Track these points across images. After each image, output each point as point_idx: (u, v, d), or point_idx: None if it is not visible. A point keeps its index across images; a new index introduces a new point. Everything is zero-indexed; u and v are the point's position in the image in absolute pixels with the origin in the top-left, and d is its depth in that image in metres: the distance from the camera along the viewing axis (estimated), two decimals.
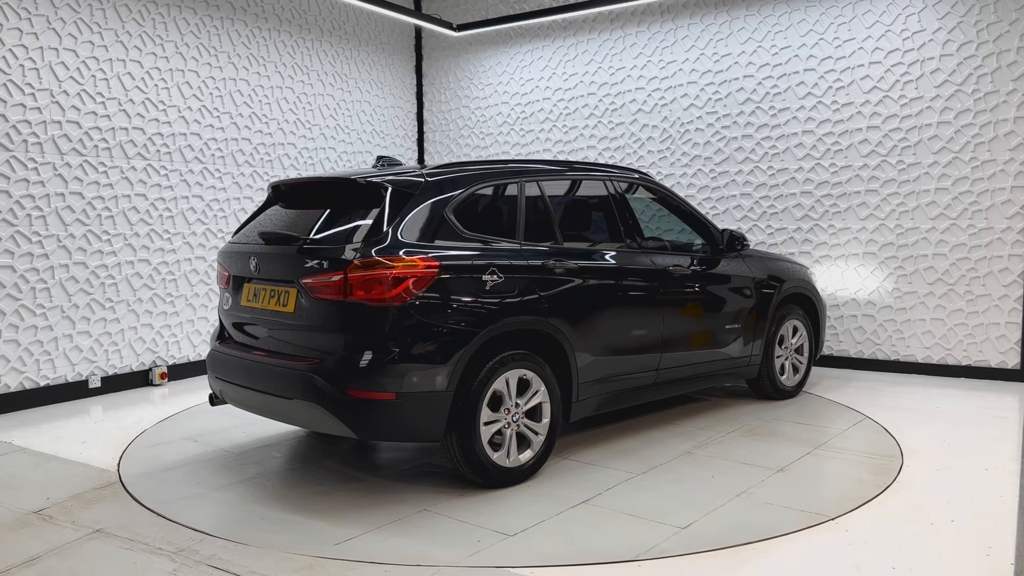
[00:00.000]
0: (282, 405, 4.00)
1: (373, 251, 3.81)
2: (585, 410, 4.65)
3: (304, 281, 3.90)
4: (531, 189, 4.63)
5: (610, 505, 3.92)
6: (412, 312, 3.81)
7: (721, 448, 4.88)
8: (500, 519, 3.73)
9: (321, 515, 3.79)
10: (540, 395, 4.28)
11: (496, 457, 4.07)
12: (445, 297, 3.91)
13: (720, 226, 7.81)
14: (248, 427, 5.33)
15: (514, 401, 4.15)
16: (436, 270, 3.89)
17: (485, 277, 4.08)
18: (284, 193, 4.65)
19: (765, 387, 6.04)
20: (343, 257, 3.82)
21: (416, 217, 4.00)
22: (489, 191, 4.43)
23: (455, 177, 4.29)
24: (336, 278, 3.79)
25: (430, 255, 3.92)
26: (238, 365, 4.26)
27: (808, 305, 6.37)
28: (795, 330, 6.19)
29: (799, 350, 6.25)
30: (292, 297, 4.00)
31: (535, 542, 3.49)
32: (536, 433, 4.28)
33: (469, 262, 4.05)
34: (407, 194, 4.05)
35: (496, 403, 4.08)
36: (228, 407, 4.81)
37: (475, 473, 4.04)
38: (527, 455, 4.24)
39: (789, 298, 6.14)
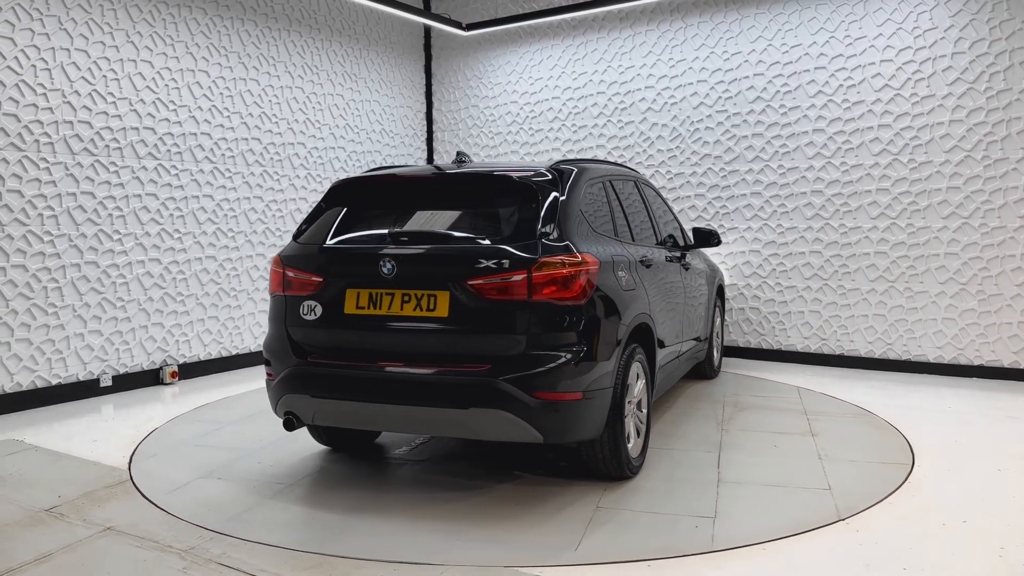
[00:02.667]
0: (443, 416, 3.68)
1: (551, 249, 3.71)
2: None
3: (472, 282, 3.65)
4: (609, 189, 4.75)
5: (743, 480, 4.20)
6: (589, 309, 3.77)
7: (740, 422, 5.38)
8: (678, 504, 3.85)
9: (490, 525, 3.62)
10: (643, 386, 4.39)
11: (630, 448, 4.18)
12: (604, 293, 3.91)
13: (730, 224, 7.82)
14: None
15: (633, 393, 4.25)
16: (598, 267, 3.89)
17: (619, 273, 4.16)
18: (375, 190, 4.27)
19: (705, 368, 6.73)
20: (527, 255, 3.65)
21: (564, 214, 3.92)
22: (594, 190, 4.46)
23: (574, 174, 4.27)
24: (518, 278, 3.62)
25: (591, 252, 3.91)
26: (354, 380, 3.83)
27: (722, 295, 7.16)
28: (715, 316, 6.91)
29: (717, 334, 7.06)
30: (443, 300, 3.70)
31: (743, 520, 3.64)
32: (641, 423, 4.38)
33: (611, 258, 4.11)
34: (550, 190, 3.95)
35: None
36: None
37: (616, 467, 4.09)
38: (639, 444, 4.36)
39: (718, 289, 6.91)
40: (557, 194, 3.96)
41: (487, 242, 3.78)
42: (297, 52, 7.96)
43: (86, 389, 6.21)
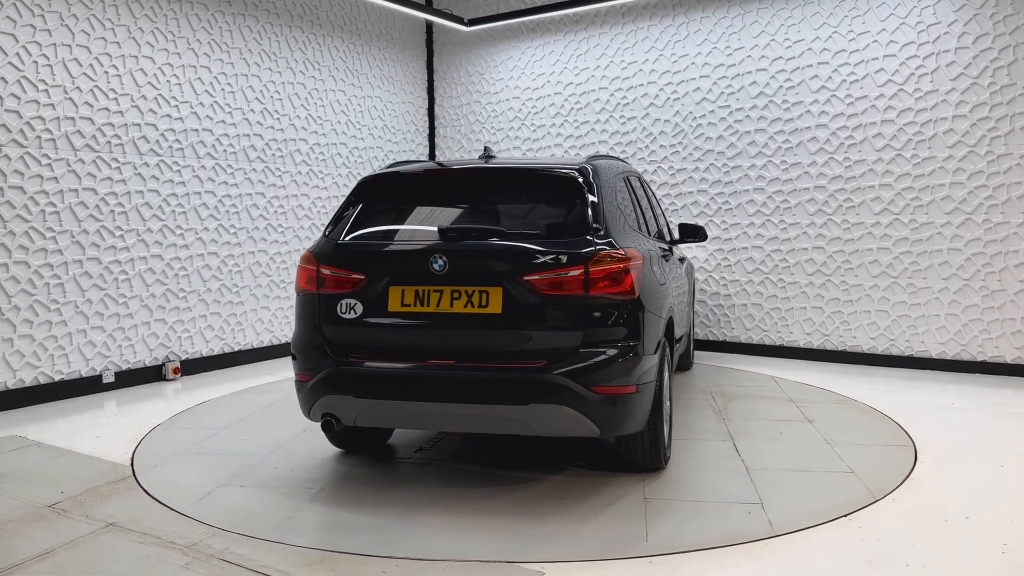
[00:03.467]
0: (501, 413, 3.63)
1: (603, 244, 3.72)
2: None
3: (528, 278, 3.63)
4: (627, 184, 4.81)
5: (769, 466, 4.35)
6: (639, 304, 3.79)
7: (737, 412, 5.56)
8: (721, 492, 3.96)
9: (545, 519, 3.63)
10: (668, 378, 4.45)
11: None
12: (648, 288, 3.96)
13: (733, 220, 7.80)
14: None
15: (664, 385, 4.30)
16: (642, 261, 3.93)
17: (654, 267, 4.24)
18: (410, 185, 4.21)
19: (683, 359, 6.82)
20: (584, 251, 3.66)
21: (607, 209, 3.96)
22: (620, 186, 4.49)
23: (607, 170, 4.34)
24: (575, 273, 3.63)
25: (633, 247, 3.95)
26: (404, 379, 3.75)
27: (693, 290, 7.24)
28: None
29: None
30: (496, 296, 3.66)
31: (790, 505, 3.77)
32: (667, 414, 4.42)
33: (647, 253, 4.18)
34: (593, 185, 3.97)
35: None
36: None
37: (655, 458, 4.16)
38: (666, 435, 4.41)
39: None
40: (599, 189, 3.99)
41: (538, 237, 3.77)
42: (299, 48, 7.95)
43: (89, 385, 6.22)
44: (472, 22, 8.97)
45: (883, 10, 6.96)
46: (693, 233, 6.02)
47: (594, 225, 3.79)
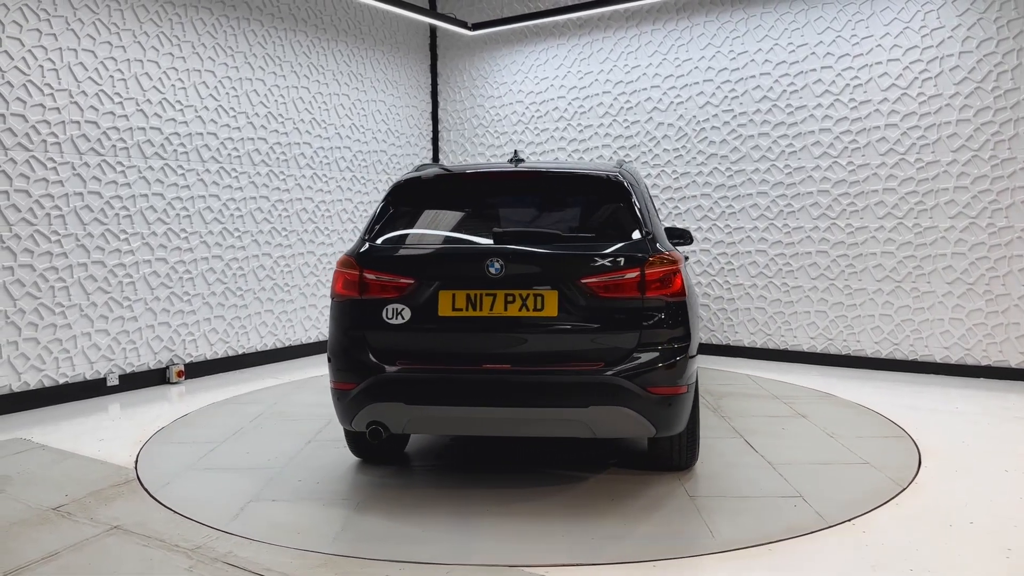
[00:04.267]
0: (561, 415, 3.65)
1: (655, 247, 3.79)
2: None
3: (585, 281, 3.67)
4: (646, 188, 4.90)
5: (788, 461, 4.48)
6: (687, 305, 3.85)
7: (731, 409, 5.66)
8: (758, 487, 4.06)
9: (599, 520, 3.67)
10: None
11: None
12: (690, 289, 4.04)
13: (736, 224, 7.80)
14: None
15: None
16: (683, 263, 4.01)
17: (688, 269, 4.29)
18: (451, 188, 4.21)
19: None
20: (640, 254, 3.72)
21: (649, 212, 4.04)
22: (646, 190, 4.54)
23: (637, 174, 4.46)
24: (632, 275, 3.68)
25: (674, 249, 4.01)
26: (461, 384, 3.71)
27: None
28: None
29: None
30: (551, 299, 3.67)
31: (829, 497, 3.89)
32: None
33: (685, 255, 4.25)
34: (635, 189, 4.07)
35: None
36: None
37: (691, 456, 4.24)
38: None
39: None
40: (640, 194, 4.07)
41: (590, 240, 3.81)
42: (303, 52, 7.98)
43: (93, 388, 6.23)
44: (475, 26, 8.99)
45: (887, 14, 6.96)
46: (679, 236, 6.00)
47: (645, 228, 3.86)
